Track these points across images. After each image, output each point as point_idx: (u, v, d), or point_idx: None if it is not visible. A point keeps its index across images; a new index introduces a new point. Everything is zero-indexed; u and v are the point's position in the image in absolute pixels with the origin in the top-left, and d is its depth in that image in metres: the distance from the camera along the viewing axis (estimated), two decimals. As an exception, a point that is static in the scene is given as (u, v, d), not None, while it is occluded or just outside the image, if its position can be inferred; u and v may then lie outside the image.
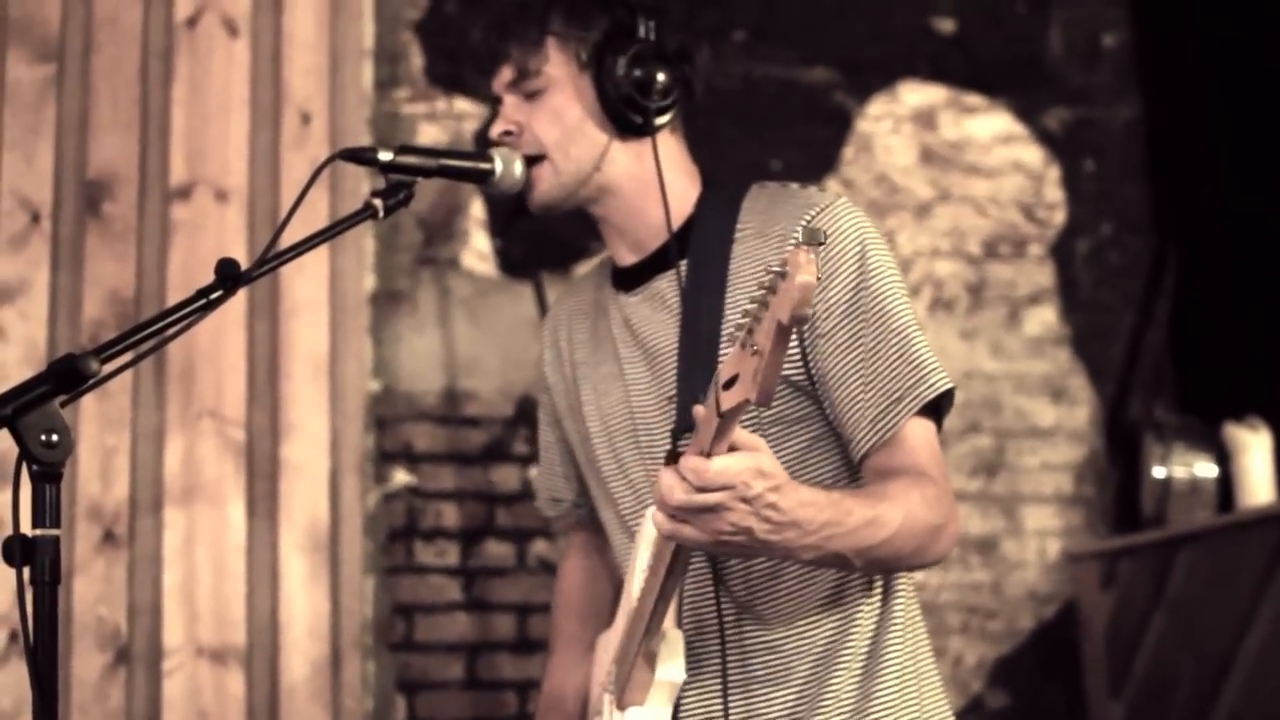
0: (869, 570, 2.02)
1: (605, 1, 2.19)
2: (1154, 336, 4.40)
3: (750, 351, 1.61)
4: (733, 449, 1.73)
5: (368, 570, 3.76)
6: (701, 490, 1.73)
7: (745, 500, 1.74)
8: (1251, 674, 3.49)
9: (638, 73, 2.14)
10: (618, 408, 2.21)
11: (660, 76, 2.14)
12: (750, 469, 1.73)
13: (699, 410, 1.75)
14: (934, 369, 2.03)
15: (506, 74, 2.19)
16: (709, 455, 1.73)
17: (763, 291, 1.59)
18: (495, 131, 2.19)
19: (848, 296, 2.03)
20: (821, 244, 1.57)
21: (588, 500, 2.39)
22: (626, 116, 2.15)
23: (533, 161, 2.15)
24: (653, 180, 2.16)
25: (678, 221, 2.16)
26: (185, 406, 3.59)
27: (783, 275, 1.56)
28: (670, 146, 2.19)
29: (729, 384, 1.66)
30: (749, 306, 1.62)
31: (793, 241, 1.57)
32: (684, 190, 2.19)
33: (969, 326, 4.30)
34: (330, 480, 3.68)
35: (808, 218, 2.05)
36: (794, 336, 2.02)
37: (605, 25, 2.17)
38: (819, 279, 1.84)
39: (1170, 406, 4.29)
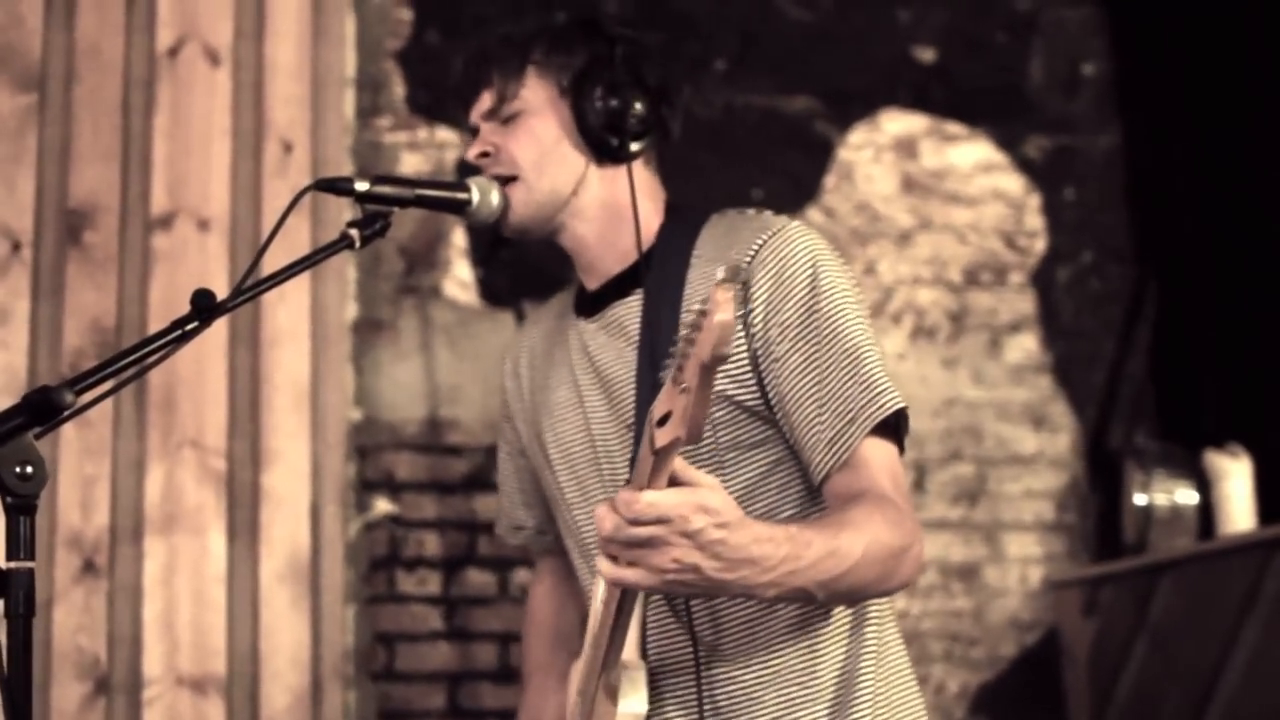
0: (832, 601, 1.99)
1: (587, 34, 2.22)
2: (1135, 364, 4.41)
3: (680, 389, 1.60)
4: (674, 483, 1.71)
5: (349, 599, 3.75)
6: (634, 523, 1.70)
7: (686, 535, 1.71)
8: (1233, 700, 3.49)
9: (615, 102, 2.15)
10: (577, 435, 2.22)
11: (638, 106, 2.16)
12: (689, 504, 1.70)
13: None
14: (885, 389, 2.01)
15: (486, 101, 2.21)
16: (646, 489, 1.71)
17: (688, 329, 1.58)
18: (471, 154, 2.21)
19: (800, 318, 2.02)
20: (744, 281, 1.57)
21: (551, 527, 2.40)
22: (604, 142, 2.16)
23: (506, 183, 2.16)
24: (623, 208, 2.17)
25: (641, 250, 2.18)
26: (166, 435, 3.58)
27: (704, 314, 1.55)
28: (643, 177, 2.21)
29: (663, 421, 1.65)
30: (676, 345, 1.61)
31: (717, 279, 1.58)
32: (649, 220, 2.20)
33: (950, 354, 4.31)
34: (311, 509, 3.67)
35: (760, 241, 2.05)
36: (748, 362, 2.03)
37: (586, 56, 2.19)
38: (772, 302, 1.85)
39: (1151, 433, 4.30)
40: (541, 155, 2.16)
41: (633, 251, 2.17)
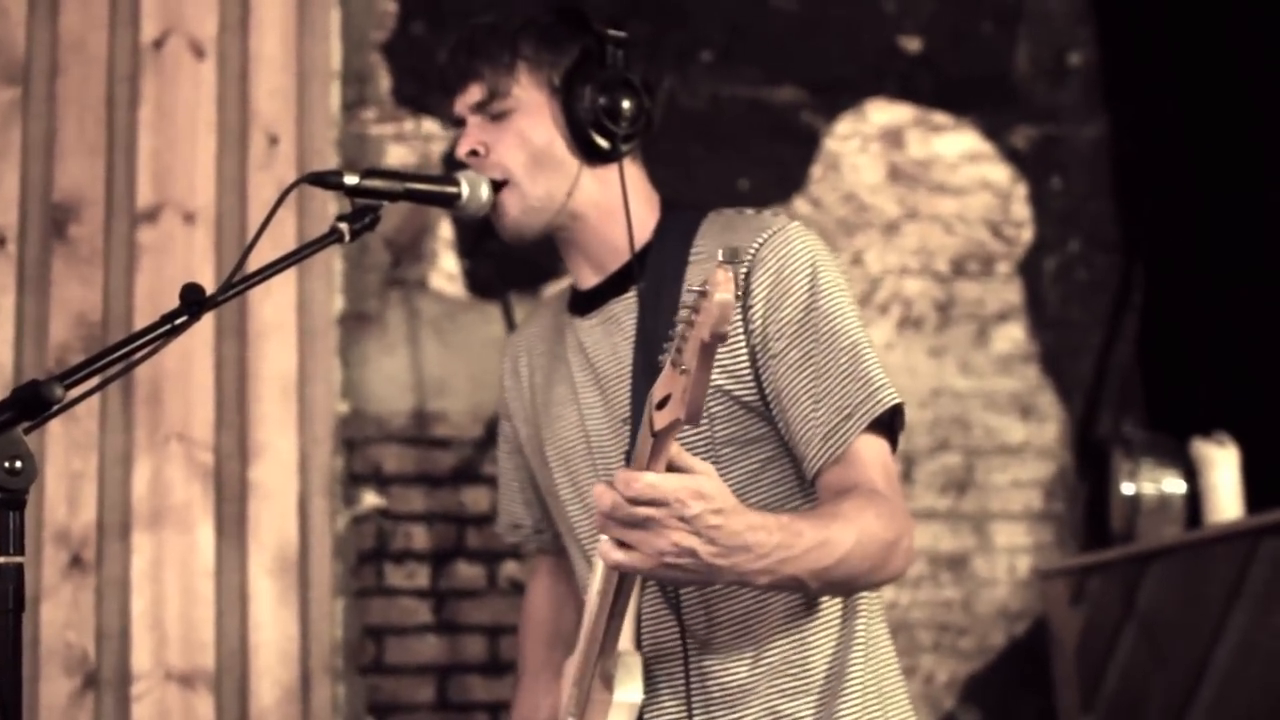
0: (825, 592, 2.01)
1: (576, 29, 2.21)
2: (1122, 353, 4.42)
3: (679, 371, 1.62)
4: (672, 469, 1.73)
5: (337, 593, 3.75)
6: (633, 502, 1.71)
7: (683, 519, 1.72)
8: (1221, 688, 3.50)
9: (605, 100, 2.15)
10: (572, 431, 2.22)
11: (628, 104, 2.16)
12: (686, 489, 1.71)
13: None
14: (882, 385, 2.03)
15: (474, 94, 2.19)
16: (645, 471, 1.73)
17: (688, 311, 1.59)
18: (461, 151, 2.20)
19: (799, 316, 2.04)
20: (742, 262, 1.59)
21: (549, 526, 2.40)
22: (595, 143, 2.16)
23: (499, 187, 2.16)
24: (616, 207, 2.17)
25: (636, 248, 2.17)
26: (153, 430, 3.57)
27: (704, 294, 1.57)
28: (633, 173, 2.21)
29: (662, 403, 1.67)
30: (676, 327, 1.63)
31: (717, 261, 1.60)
32: (643, 217, 2.20)
33: (937, 344, 4.31)
34: (299, 503, 3.66)
35: (760, 240, 2.06)
36: (747, 358, 2.04)
37: (575, 53, 2.18)
38: (771, 300, 1.86)
39: (1138, 423, 4.31)
40: (533, 159, 2.16)
41: (627, 249, 2.17)
